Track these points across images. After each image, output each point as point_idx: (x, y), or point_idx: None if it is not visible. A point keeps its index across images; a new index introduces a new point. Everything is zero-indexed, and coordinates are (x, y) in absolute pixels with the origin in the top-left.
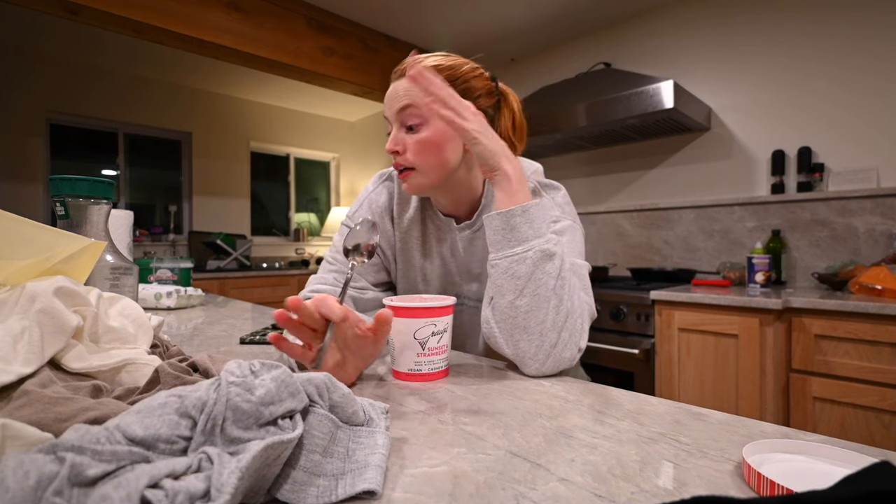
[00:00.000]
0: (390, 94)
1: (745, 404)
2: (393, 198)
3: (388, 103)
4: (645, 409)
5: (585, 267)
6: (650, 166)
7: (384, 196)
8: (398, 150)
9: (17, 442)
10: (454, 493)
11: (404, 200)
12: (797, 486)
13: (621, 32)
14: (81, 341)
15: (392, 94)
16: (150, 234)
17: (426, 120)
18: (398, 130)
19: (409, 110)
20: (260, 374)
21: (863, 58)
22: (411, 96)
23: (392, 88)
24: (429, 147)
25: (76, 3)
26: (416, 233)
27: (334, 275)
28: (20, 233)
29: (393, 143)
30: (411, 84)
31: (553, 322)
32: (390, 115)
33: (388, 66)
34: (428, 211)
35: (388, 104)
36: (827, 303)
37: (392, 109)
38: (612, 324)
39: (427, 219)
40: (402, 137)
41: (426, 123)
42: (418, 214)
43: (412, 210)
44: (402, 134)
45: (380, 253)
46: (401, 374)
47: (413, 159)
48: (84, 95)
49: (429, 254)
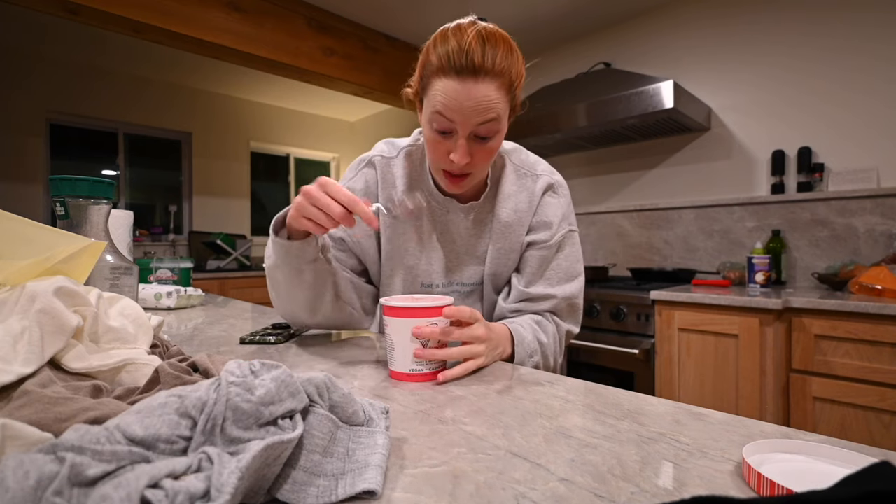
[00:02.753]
0: (464, 99)
1: (745, 404)
2: (373, 184)
3: (463, 110)
4: (645, 409)
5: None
6: (650, 166)
7: (361, 183)
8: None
9: (17, 442)
10: (454, 493)
11: (389, 184)
12: (797, 486)
13: (621, 32)
14: (81, 341)
15: (469, 101)
16: (150, 234)
17: (501, 128)
18: (468, 139)
19: (492, 123)
20: (260, 374)
21: (863, 58)
22: (497, 108)
23: (462, 91)
24: (495, 152)
25: (76, 3)
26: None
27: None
28: (20, 233)
29: (466, 155)
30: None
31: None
32: (462, 122)
33: (388, 66)
34: (422, 192)
35: (461, 109)
36: (827, 303)
37: (469, 119)
38: (612, 324)
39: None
40: (473, 147)
41: (500, 132)
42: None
43: (399, 192)
44: (472, 143)
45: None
46: (401, 375)
47: (476, 167)
48: (84, 95)
49: (425, 234)
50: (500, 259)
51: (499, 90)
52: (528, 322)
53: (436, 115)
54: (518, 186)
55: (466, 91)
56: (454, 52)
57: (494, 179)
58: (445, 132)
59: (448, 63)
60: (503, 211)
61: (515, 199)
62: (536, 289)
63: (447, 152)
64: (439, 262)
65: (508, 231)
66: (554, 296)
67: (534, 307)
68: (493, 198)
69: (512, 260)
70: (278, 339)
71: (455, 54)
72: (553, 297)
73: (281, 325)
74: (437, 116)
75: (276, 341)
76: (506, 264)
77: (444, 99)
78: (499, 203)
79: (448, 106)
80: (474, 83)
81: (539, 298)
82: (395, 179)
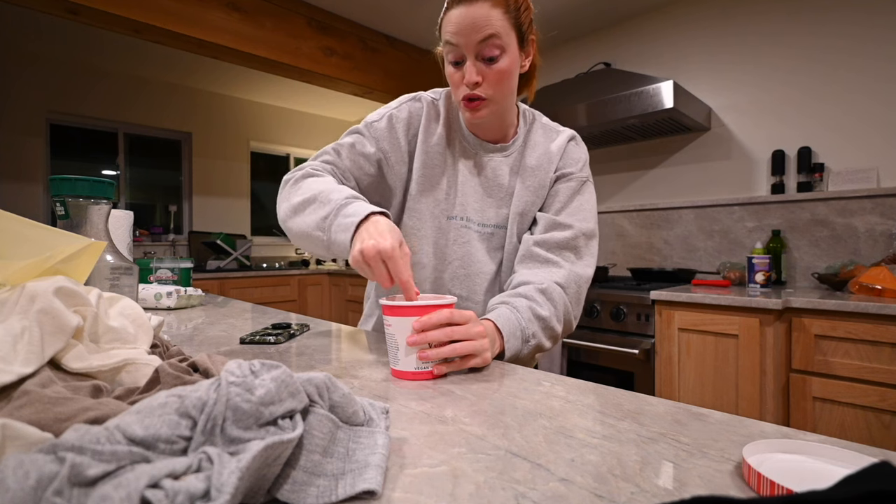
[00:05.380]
0: (463, 21)
1: (745, 404)
2: (417, 117)
3: (463, 31)
4: (645, 409)
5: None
6: (650, 166)
7: (405, 113)
8: (478, 82)
9: (17, 442)
10: (454, 493)
11: (431, 121)
12: (797, 486)
13: (621, 32)
14: (81, 341)
15: (467, 21)
16: (150, 234)
17: (505, 49)
18: (476, 60)
19: (493, 40)
20: (260, 374)
21: (863, 58)
22: (495, 25)
23: (463, 14)
24: (506, 77)
25: (76, 3)
26: (440, 149)
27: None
28: (20, 233)
29: (476, 74)
30: (490, 8)
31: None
32: (466, 44)
33: (388, 66)
34: (456, 133)
35: (461, 31)
36: (827, 303)
37: (471, 38)
38: (612, 324)
39: (455, 140)
40: (482, 68)
41: (505, 52)
42: (444, 136)
43: (438, 132)
44: (480, 64)
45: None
46: (406, 374)
47: (489, 90)
48: (84, 95)
49: (457, 169)
50: (528, 197)
51: (495, 8)
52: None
53: (447, 46)
54: (545, 138)
55: (466, 12)
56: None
57: (525, 130)
58: (457, 61)
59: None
60: (531, 156)
61: (543, 147)
62: (565, 219)
63: (462, 78)
64: (466, 197)
65: (537, 171)
66: (577, 229)
67: (561, 235)
68: (523, 145)
69: (539, 197)
70: (278, 339)
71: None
72: (577, 229)
73: (281, 325)
74: (448, 46)
75: (276, 341)
76: (533, 202)
77: (450, 27)
78: (528, 150)
79: (453, 32)
80: (473, 4)
81: (566, 227)
82: (437, 115)
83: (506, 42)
